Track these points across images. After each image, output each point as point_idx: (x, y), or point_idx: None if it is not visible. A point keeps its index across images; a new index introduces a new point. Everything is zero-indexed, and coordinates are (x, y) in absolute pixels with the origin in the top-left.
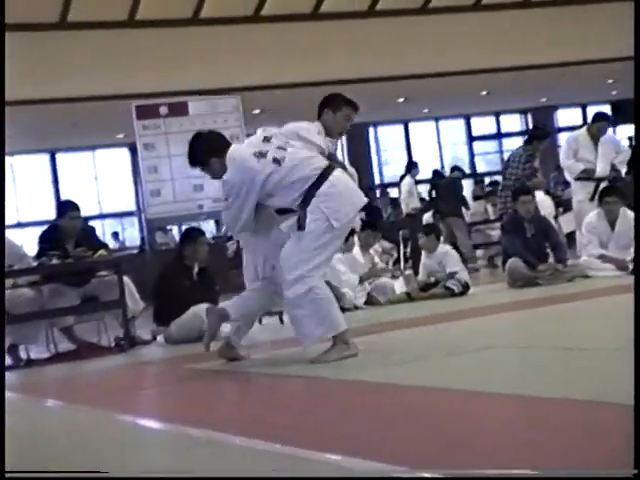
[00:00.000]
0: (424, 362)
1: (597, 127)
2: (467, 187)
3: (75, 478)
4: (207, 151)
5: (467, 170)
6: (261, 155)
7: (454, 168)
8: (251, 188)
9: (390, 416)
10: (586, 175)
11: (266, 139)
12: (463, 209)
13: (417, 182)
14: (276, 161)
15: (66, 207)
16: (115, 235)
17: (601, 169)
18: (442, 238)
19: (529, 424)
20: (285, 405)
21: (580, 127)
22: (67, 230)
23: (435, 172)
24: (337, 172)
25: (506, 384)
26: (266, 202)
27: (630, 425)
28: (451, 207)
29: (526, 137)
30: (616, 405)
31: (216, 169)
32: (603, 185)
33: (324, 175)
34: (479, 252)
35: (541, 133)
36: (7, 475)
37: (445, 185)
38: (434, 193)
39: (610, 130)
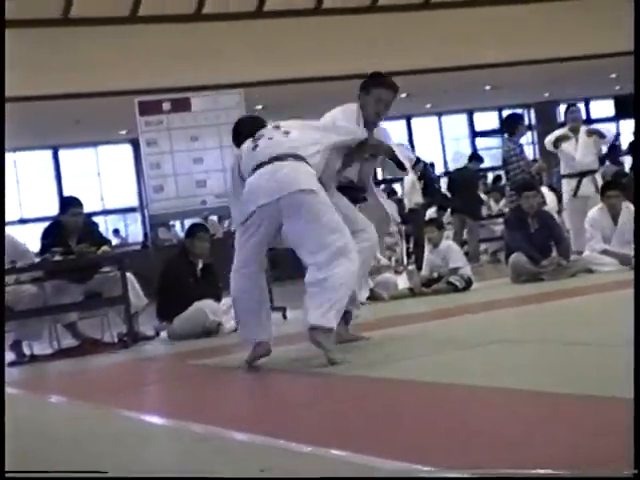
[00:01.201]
0: (430, 358)
1: (570, 117)
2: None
3: (75, 478)
4: (238, 137)
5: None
6: (254, 141)
7: (472, 157)
8: (232, 174)
9: (400, 412)
10: (569, 171)
11: (276, 127)
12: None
13: (420, 177)
14: (255, 146)
15: (68, 203)
16: (116, 232)
17: (582, 163)
18: (450, 233)
19: (540, 419)
20: (291, 401)
21: (584, 122)
22: (69, 226)
23: (426, 165)
24: (273, 166)
25: (513, 379)
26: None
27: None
28: (466, 204)
29: (506, 132)
30: (621, 400)
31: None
32: (585, 180)
33: (259, 165)
34: (482, 246)
35: (515, 117)
36: (7, 475)
37: (461, 178)
38: (447, 187)
39: (612, 126)
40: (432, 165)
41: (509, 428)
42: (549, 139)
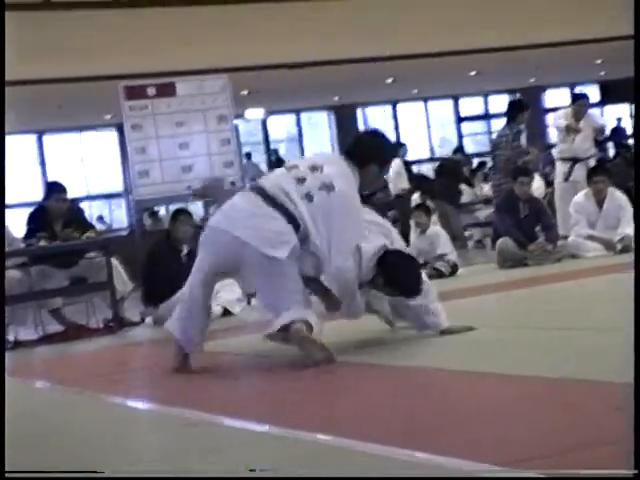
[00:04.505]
0: (415, 343)
1: (577, 107)
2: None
3: (75, 478)
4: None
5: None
6: None
7: (457, 150)
8: None
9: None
10: (564, 155)
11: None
12: (465, 188)
13: (405, 163)
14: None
15: (52, 189)
16: (100, 219)
17: (579, 148)
18: (435, 218)
19: (528, 403)
20: (283, 387)
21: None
22: (54, 211)
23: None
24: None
25: (498, 364)
26: None
27: (618, 400)
28: (446, 189)
29: (507, 116)
30: (606, 383)
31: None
32: (578, 166)
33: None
34: (467, 233)
35: (520, 104)
36: (7, 475)
37: (446, 165)
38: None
39: (597, 111)
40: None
41: (496, 413)
42: (560, 122)
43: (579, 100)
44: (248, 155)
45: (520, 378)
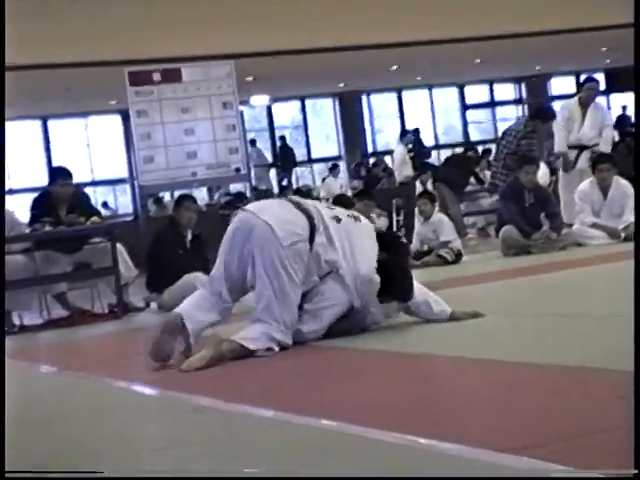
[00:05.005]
0: (418, 330)
1: (586, 91)
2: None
3: (75, 478)
4: None
5: (461, 139)
6: None
7: (468, 149)
8: None
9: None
10: (571, 142)
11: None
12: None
13: (410, 150)
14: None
15: (57, 174)
16: (105, 205)
17: (585, 136)
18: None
19: (529, 390)
20: (289, 374)
21: (573, 96)
22: (59, 197)
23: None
24: None
25: (499, 351)
26: None
27: (621, 388)
28: (452, 178)
29: (535, 115)
30: (609, 371)
31: None
32: (584, 154)
33: None
34: (471, 220)
35: (546, 114)
36: (7, 475)
37: (457, 157)
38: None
39: (603, 100)
40: (417, 131)
41: (497, 399)
42: (564, 113)
43: (588, 83)
44: (252, 142)
45: (522, 365)
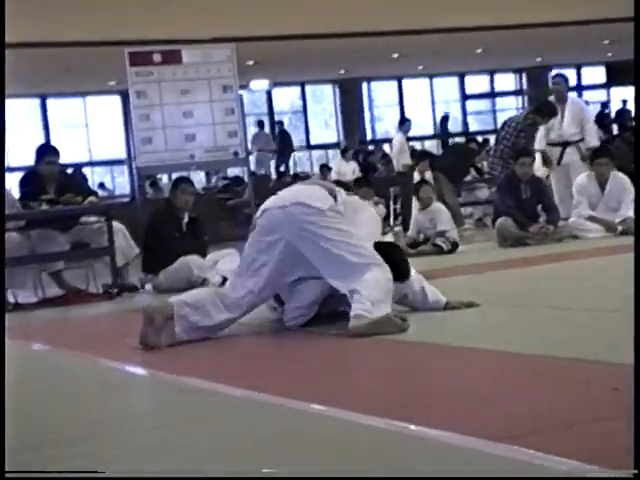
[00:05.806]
0: (413, 319)
1: (553, 87)
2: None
3: (75, 478)
4: None
5: (460, 129)
6: None
7: (470, 140)
8: None
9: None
10: (552, 139)
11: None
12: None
13: (408, 139)
14: None
15: (43, 152)
16: (102, 185)
17: (567, 132)
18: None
19: (523, 380)
20: (277, 357)
21: (574, 88)
22: (46, 175)
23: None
24: None
25: (495, 341)
26: None
27: (615, 380)
28: (451, 167)
29: (534, 107)
30: (604, 363)
31: None
32: (570, 148)
33: None
34: (468, 210)
35: (548, 110)
36: (7, 475)
37: (459, 147)
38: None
39: (603, 93)
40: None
41: (490, 388)
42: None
43: (553, 79)
44: (260, 123)
45: (517, 355)
